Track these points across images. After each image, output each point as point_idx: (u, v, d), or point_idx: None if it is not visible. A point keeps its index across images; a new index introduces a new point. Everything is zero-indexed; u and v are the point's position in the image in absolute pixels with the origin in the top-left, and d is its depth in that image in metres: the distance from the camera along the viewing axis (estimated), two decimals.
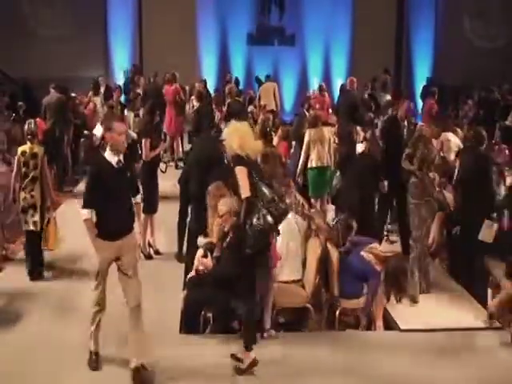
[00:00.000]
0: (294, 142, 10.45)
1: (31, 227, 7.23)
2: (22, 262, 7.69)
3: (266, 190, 5.39)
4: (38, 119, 9.62)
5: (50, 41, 17.74)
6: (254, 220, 5.25)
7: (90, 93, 14.12)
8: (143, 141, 7.99)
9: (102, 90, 14.66)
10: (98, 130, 11.51)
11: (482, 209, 7.09)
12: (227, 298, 5.68)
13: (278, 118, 13.35)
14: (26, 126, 7.46)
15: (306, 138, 9.40)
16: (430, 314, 6.59)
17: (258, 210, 5.28)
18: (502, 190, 8.17)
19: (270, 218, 5.28)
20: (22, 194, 7.19)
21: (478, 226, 7.00)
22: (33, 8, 18.09)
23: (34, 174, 7.18)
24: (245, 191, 5.28)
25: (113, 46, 18.89)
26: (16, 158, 7.34)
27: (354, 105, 12.19)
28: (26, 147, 7.28)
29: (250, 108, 13.92)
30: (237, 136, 5.45)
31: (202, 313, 5.97)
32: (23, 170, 7.19)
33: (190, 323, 6.01)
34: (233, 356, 5.46)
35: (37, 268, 7.35)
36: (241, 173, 5.31)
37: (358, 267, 6.35)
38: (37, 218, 7.20)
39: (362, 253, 6.41)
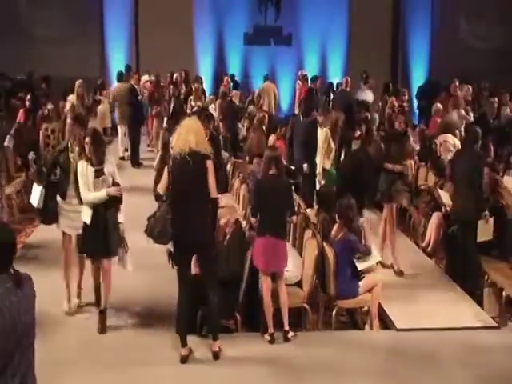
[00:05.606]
0: None
1: None
2: (18, 260, 7.77)
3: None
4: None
5: (48, 42, 17.70)
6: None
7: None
8: None
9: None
10: None
11: (473, 207, 6.95)
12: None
13: (274, 119, 13.36)
14: None
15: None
16: (427, 314, 6.58)
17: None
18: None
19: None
20: None
21: (473, 224, 6.93)
22: (31, 9, 18.06)
23: None
24: (160, 188, 5.60)
25: (110, 47, 18.85)
26: None
27: (348, 104, 12.24)
28: None
29: (250, 108, 13.90)
30: (175, 133, 5.50)
31: (199, 313, 5.95)
32: None
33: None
34: None
35: None
36: (165, 171, 5.54)
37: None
38: None
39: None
